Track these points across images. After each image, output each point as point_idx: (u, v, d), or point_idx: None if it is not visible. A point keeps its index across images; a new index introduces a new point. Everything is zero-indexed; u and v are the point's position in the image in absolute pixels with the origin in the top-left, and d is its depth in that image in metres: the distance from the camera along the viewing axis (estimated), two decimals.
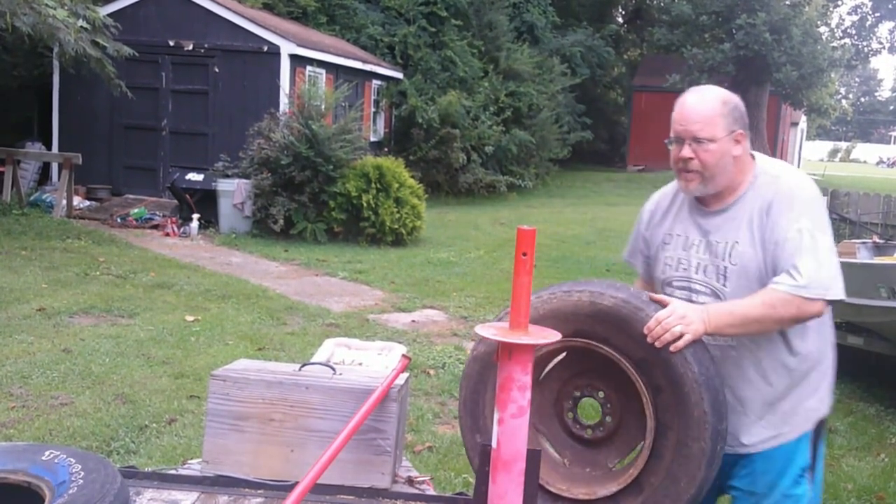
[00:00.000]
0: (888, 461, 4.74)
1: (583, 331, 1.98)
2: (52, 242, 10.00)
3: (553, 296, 2.00)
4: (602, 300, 1.95)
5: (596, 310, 1.95)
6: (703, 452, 1.87)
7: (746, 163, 2.23)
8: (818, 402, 2.26)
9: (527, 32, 23.90)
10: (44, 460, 1.76)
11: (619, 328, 1.93)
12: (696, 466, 1.88)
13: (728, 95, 2.22)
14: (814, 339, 2.21)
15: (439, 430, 4.78)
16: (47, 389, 5.03)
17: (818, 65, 26.50)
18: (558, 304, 1.98)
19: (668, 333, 1.94)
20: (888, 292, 5.04)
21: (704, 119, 2.15)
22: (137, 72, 13.02)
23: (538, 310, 1.97)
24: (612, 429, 2.10)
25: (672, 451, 1.90)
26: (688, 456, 1.88)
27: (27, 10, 9.87)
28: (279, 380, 2.10)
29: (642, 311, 1.93)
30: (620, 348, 1.95)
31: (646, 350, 1.91)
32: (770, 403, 2.20)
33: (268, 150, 11.55)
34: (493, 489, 1.70)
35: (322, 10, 18.14)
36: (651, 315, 1.94)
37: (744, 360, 2.19)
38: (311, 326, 7.04)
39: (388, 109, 18.02)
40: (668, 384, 1.91)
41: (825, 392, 2.28)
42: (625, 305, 1.94)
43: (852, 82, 74.78)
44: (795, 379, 2.20)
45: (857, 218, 9.33)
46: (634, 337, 1.92)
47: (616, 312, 1.93)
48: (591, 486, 2.04)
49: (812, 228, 2.08)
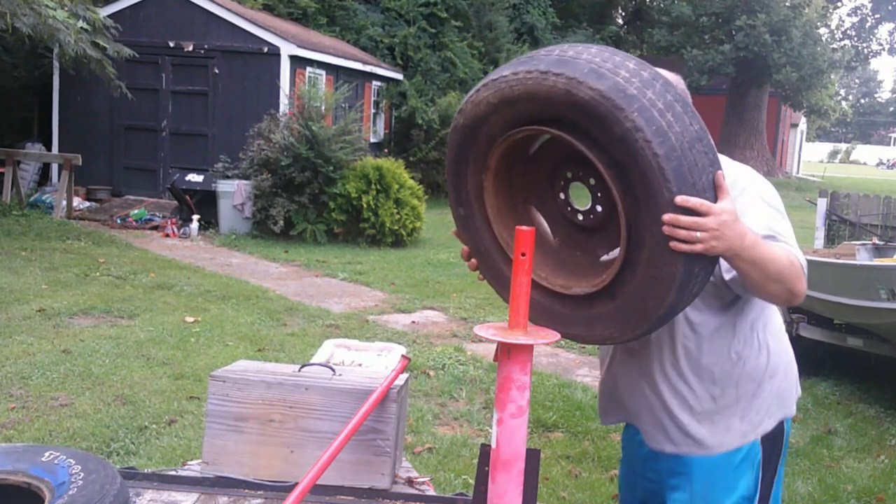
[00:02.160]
0: (888, 462, 4.74)
1: (561, 120, 1.67)
2: (52, 243, 10.01)
3: (529, 75, 1.67)
4: (579, 91, 1.59)
5: (571, 101, 1.62)
6: (673, 277, 1.65)
7: None
8: (757, 416, 1.99)
9: (527, 34, 23.91)
10: (43, 461, 1.76)
11: (600, 125, 1.60)
12: (666, 290, 1.67)
13: (664, 74, 2.02)
14: (752, 338, 1.98)
15: (439, 431, 4.78)
16: (47, 390, 5.04)
17: (818, 66, 26.55)
18: (533, 87, 1.66)
19: (685, 233, 1.57)
20: (888, 294, 5.04)
21: None
22: (137, 73, 13.04)
23: (513, 89, 1.69)
24: (604, 218, 1.86)
25: (644, 268, 1.68)
26: (657, 277, 1.66)
27: (27, 11, 9.88)
28: (279, 380, 2.10)
29: (622, 112, 1.57)
30: (601, 145, 1.64)
31: (625, 155, 1.60)
32: (690, 407, 1.98)
33: (268, 151, 11.56)
34: (492, 489, 1.70)
35: (322, 12, 18.16)
36: (633, 119, 1.56)
37: (661, 355, 1.97)
38: (311, 327, 7.04)
39: (388, 110, 18.03)
40: (645, 197, 1.63)
41: (770, 403, 2.01)
42: (603, 102, 1.58)
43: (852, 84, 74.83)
44: (720, 382, 1.97)
45: (856, 219, 9.32)
46: (613, 139, 1.60)
47: (593, 109, 1.59)
48: (569, 278, 1.86)
49: (773, 212, 1.88)
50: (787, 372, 2.06)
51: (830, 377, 6.17)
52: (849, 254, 6.63)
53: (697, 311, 1.90)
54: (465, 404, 5.27)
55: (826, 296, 5.60)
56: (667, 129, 1.58)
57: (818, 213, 9.63)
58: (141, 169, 13.58)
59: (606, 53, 1.66)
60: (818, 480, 4.39)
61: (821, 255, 6.57)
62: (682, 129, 1.60)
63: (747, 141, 28.69)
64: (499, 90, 1.71)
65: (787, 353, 2.09)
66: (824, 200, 9.66)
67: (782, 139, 34.52)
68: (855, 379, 6.21)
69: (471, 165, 1.90)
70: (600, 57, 1.64)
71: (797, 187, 26.31)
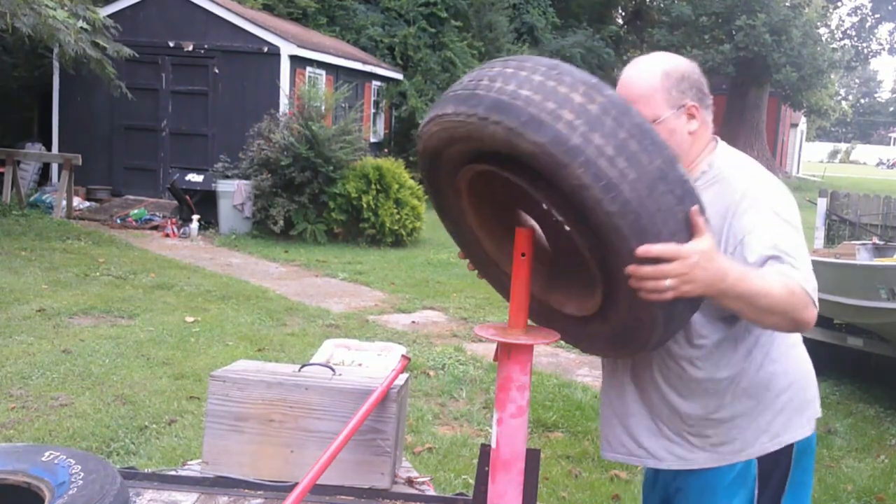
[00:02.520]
0: (888, 462, 4.74)
1: (516, 157, 1.50)
2: (51, 243, 10.01)
3: (469, 120, 1.49)
4: (519, 143, 1.42)
5: (515, 151, 1.45)
6: (654, 318, 1.57)
7: (704, 138, 1.90)
8: (753, 435, 1.88)
9: (527, 33, 23.90)
10: (44, 461, 1.76)
11: (549, 175, 1.45)
12: (650, 328, 1.60)
13: (674, 64, 1.86)
14: (755, 354, 1.85)
15: (439, 431, 4.78)
16: (47, 390, 5.03)
17: (818, 66, 26.57)
18: (475, 131, 1.49)
19: (652, 283, 1.47)
20: (888, 293, 5.04)
21: (642, 98, 1.81)
22: (137, 73, 13.03)
23: (457, 129, 1.54)
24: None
25: (625, 308, 1.60)
26: (639, 318, 1.59)
27: (27, 11, 9.88)
28: (279, 380, 2.10)
29: (566, 169, 1.39)
30: (557, 190, 1.47)
31: (578, 208, 1.46)
32: (680, 417, 1.89)
33: (268, 151, 11.56)
34: (492, 489, 1.70)
35: (322, 11, 18.15)
36: (578, 177, 1.39)
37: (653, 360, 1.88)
38: (311, 327, 7.04)
39: (388, 110, 18.03)
40: (608, 247, 1.50)
41: (771, 423, 1.88)
42: (545, 158, 1.40)
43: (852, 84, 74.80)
44: (712, 394, 1.86)
45: (856, 219, 9.32)
46: (563, 191, 1.44)
47: (537, 162, 1.43)
48: (563, 294, 1.80)
49: (787, 226, 1.73)
50: (797, 392, 1.91)
51: (830, 377, 6.17)
52: (849, 254, 6.63)
53: (699, 326, 1.81)
54: (465, 404, 5.27)
55: (826, 296, 5.60)
56: (618, 181, 1.40)
57: (818, 213, 9.64)
58: (141, 169, 13.57)
59: (551, 84, 1.45)
60: (818, 480, 4.39)
61: (821, 255, 6.57)
62: (638, 173, 1.41)
63: (747, 141, 28.67)
64: (445, 128, 1.59)
65: (798, 371, 1.93)
66: (824, 200, 9.67)
67: (782, 139, 34.52)
68: (855, 379, 6.21)
69: (444, 188, 1.83)
70: (543, 92, 1.44)
71: (797, 187, 26.28)
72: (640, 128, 1.45)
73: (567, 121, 1.41)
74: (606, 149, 1.40)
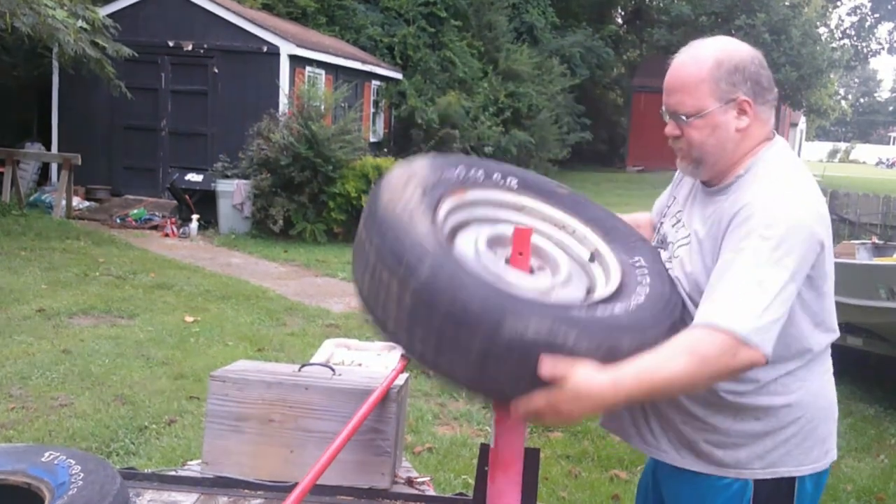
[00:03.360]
0: (888, 462, 4.74)
1: None
2: (51, 243, 10.00)
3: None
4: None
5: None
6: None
7: (755, 137, 1.72)
8: (747, 457, 1.75)
9: (526, 33, 23.90)
10: (43, 461, 1.76)
11: None
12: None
13: (730, 52, 1.69)
14: (763, 382, 1.71)
15: (439, 431, 4.78)
16: (47, 390, 5.03)
17: (817, 65, 26.59)
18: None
19: (532, 414, 1.48)
20: (887, 293, 5.04)
21: (686, 87, 1.68)
22: (137, 72, 13.01)
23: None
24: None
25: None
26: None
27: (27, 11, 9.87)
28: (278, 380, 2.10)
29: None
30: None
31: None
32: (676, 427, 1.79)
33: (267, 151, 11.56)
34: (492, 489, 1.70)
35: (321, 11, 18.14)
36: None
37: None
38: (311, 327, 7.04)
39: (388, 110, 18.02)
40: None
41: (770, 452, 1.75)
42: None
43: (851, 83, 74.84)
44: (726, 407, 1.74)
45: (856, 219, 9.33)
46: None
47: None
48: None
49: (765, 250, 1.56)
50: (805, 426, 1.75)
51: None
52: (848, 253, 6.64)
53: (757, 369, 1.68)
54: (465, 404, 5.27)
55: None
56: (449, 370, 1.48)
57: None
58: (140, 168, 13.56)
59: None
60: None
61: None
62: (465, 359, 1.42)
63: None
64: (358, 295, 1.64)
65: (813, 407, 1.76)
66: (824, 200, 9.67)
67: None
68: (855, 379, 6.20)
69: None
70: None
71: None
72: (453, 316, 1.40)
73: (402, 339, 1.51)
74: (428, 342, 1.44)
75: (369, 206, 1.61)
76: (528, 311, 1.39)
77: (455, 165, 1.79)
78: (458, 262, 1.46)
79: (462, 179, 1.77)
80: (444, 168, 1.76)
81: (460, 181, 1.76)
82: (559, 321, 1.40)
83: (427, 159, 1.78)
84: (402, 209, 1.52)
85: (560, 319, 1.41)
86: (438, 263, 1.41)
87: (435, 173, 1.71)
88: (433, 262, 1.41)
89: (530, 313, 1.38)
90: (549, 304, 1.50)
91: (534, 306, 1.42)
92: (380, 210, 1.55)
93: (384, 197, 1.58)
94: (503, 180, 1.82)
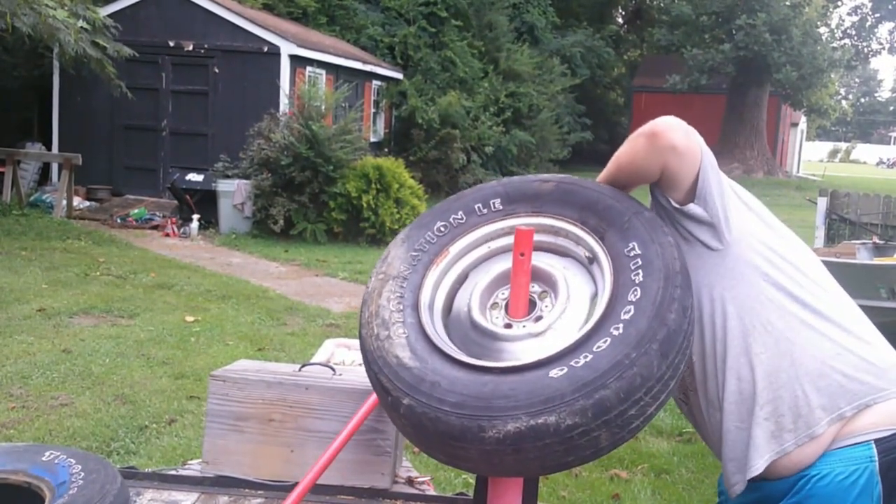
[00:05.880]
0: None
1: None
2: (52, 243, 10.00)
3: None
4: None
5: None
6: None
7: None
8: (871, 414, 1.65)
9: (527, 33, 23.90)
10: (44, 461, 1.76)
11: None
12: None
13: None
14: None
15: None
16: (47, 390, 5.04)
17: (818, 65, 26.57)
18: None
19: None
20: (888, 293, 5.05)
21: None
22: (137, 72, 13.02)
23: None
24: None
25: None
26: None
27: (27, 11, 9.87)
28: (279, 380, 2.10)
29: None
30: None
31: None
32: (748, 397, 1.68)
33: (268, 151, 11.56)
34: (492, 489, 1.70)
35: (322, 11, 18.14)
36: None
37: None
38: (311, 327, 7.04)
39: (388, 110, 18.02)
40: None
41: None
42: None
43: (852, 83, 74.76)
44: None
45: (856, 219, 9.33)
46: None
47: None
48: None
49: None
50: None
51: None
52: (849, 253, 6.64)
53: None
54: None
55: None
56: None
57: (818, 212, 9.64)
58: (141, 168, 13.57)
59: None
60: None
61: (821, 255, 6.57)
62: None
63: (747, 140, 28.69)
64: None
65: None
66: (824, 199, 9.67)
67: (782, 138, 34.50)
68: None
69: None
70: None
71: (797, 186, 26.30)
72: (439, 436, 1.53)
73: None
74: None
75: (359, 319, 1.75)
76: (503, 410, 1.44)
77: (432, 224, 1.80)
78: (434, 382, 1.52)
79: (442, 235, 1.78)
80: (418, 238, 1.79)
81: (441, 240, 1.78)
82: (534, 408, 1.42)
83: (399, 244, 1.80)
84: (375, 345, 1.64)
85: (534, 407, 1.42)
86: (417, 400, 1.52)
87: (408, 257, 1.76)
88: (410, 399, 1.52)
89: (504, 414, 1.43)
90: (525, 388, 1.46)
91: (508, 400, 1.44)
92: (361, 338, 1.70)
93: (360, 327, 1.72)
94: (485, 208, 1.80)
